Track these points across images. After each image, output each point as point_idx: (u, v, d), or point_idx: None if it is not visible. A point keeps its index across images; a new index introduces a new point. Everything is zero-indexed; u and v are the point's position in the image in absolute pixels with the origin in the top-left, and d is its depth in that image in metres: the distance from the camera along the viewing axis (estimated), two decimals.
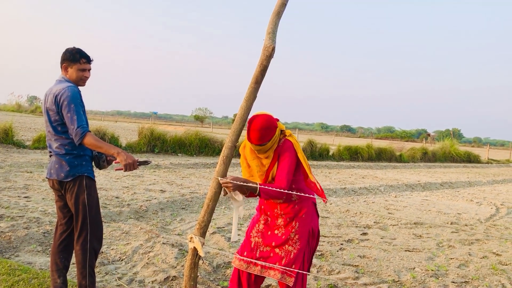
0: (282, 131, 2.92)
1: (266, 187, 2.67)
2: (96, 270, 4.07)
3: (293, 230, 2.90)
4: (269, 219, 3.00)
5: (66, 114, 2.88)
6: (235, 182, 2.63)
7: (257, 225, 3.02)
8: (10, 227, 5.02)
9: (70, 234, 3.17)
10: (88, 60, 3.10)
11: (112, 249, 4.73)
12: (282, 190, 2.70)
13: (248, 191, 2.73)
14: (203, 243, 2.65)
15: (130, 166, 2.84)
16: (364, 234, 6.25)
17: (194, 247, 2.65)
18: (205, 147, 16.18)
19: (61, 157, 2.98)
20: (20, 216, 5.53)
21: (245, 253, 2.93)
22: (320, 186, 3.02)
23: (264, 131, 2.70)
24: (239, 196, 2.71)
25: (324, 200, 3.00)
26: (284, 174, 2.77)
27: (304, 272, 2.87)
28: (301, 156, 2.92)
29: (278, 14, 2.59)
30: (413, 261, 5.07)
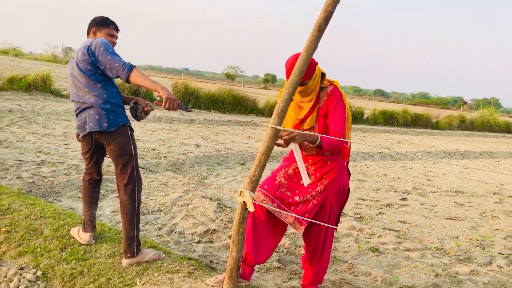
0: (323, 75, 2.77)
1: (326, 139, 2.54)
2: None
3: (320, 185, 2.80)
4: None
5: (106, 57, 2.78)
6: (298, 133, 2.51)
7: (285, 169, 2.92)
8: (52, 173, 5.09)
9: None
10: (116, 27, 3.15)
11: (151, 199, 4.73)
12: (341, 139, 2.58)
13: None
14: (253, 198, 2.55)
15: (171, 102, 2.70)
16: (404, 199, 6.08)
17: (244, 201, 2.55)
18: (237, 105, 16.04)
19: (100, 106, 2.87)
20: (60, 163, 5.60)
21: (265, 186, 2.83)
22: (349, 145, 2.90)
23: None
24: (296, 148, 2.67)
25: (344, 159, 2.89)
26: (340, 123, 2.66)
27: (330, 226, 2.77)
28: (348, 110, 2.78)
29: None
30: (456, 230, 4.91)
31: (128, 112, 3.10)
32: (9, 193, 4.03)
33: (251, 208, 2.55)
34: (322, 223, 2.67)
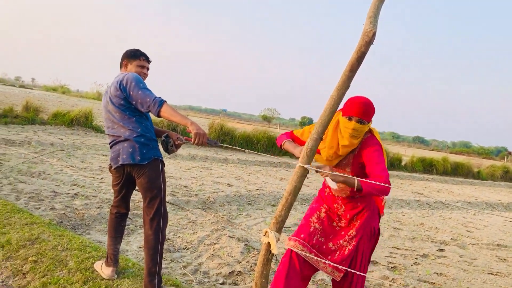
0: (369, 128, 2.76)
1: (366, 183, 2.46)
2: None
3: (353, 228, 2.76)
4: (330, 209, 2.87)
5: (137, 92, 2.83)
6: (335, 173, 2.45)
7: (317, 213, 2.87)
8: (84, 205, 5.16)
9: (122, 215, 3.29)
10: (147, 59, 3.18)
11: (179, 236, 4.69)
12: (386, 185, 2.48)
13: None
14: (278, 239, 2.46)
15: (200, 138, 2.73)
16: (441, 250, 5.78)
17: (268, 242, 2.47)
18: (272, 146, 16.04)
19: (134, 140, 2.91)
20: (93, 196, 5.68)
21: (302, 235, 2.75)
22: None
23: (369, 106, 2.59)
24: (333, 184, 2.57)
25: (381, 213, 2.89)
26: (382, 167, 2.59)
27: (362, 274, 2.67)
28: (384, 156, 2.72)
29: None
30: (497, 286, 4.58)
31: (159, 145, 3.14)
32: (40, 223, 4.09)
33: (274, 250, 2.46)
34: (358, 273, 2.56)
